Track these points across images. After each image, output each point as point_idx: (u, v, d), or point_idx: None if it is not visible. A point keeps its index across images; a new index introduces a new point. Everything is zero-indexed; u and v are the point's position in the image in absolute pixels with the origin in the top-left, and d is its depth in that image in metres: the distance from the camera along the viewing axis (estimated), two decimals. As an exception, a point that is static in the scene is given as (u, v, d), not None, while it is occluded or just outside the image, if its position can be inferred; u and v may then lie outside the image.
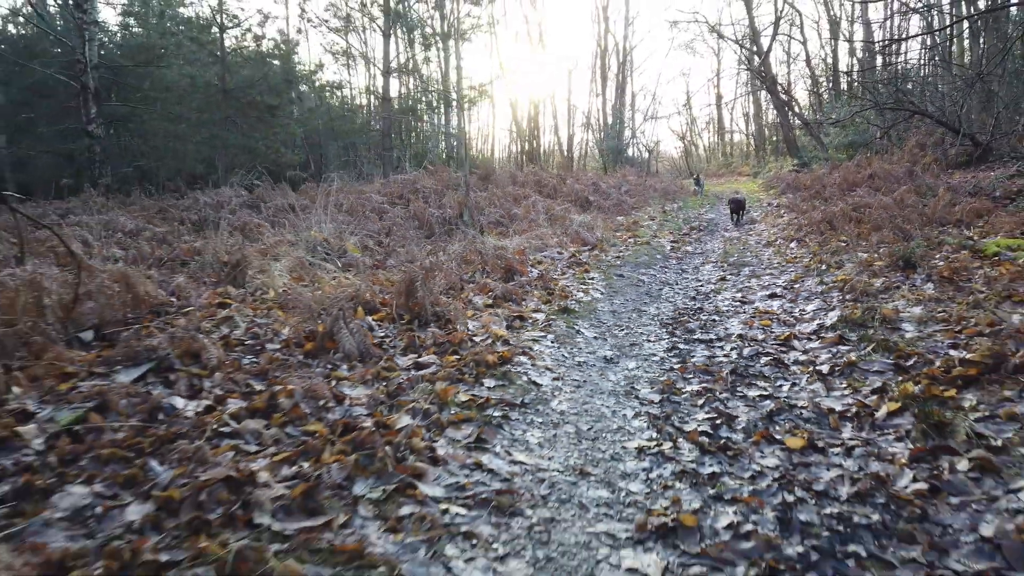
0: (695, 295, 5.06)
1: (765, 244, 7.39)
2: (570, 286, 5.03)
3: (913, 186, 8.41)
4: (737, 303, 4.61)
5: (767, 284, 5.15)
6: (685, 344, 3.68)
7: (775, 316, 4.10)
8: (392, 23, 16.18)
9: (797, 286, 4.87)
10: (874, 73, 14.87)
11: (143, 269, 4.13)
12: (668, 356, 3.47)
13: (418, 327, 3.47)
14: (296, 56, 17.04)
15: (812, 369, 3.06)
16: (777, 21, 21.39)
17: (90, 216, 7.26)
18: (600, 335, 3.91)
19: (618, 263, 6.44)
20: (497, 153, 30.87)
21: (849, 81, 18.61)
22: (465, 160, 10.03)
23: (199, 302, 3.44)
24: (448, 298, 3.93)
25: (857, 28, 22.42)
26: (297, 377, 2.59)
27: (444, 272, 4.45)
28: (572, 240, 7.15)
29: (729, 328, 3.94)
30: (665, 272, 6.21)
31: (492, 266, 5.11)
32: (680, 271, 6.26)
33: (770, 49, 20.82)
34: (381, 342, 3.22)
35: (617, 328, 4.09)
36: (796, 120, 19.86)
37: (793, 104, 21.27)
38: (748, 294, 4.87)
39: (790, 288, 4.86)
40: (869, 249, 5.45)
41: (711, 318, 4.25)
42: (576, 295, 4.76)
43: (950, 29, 13.67)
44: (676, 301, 4.88)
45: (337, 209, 7.49)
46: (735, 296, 4.85)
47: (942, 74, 13.51)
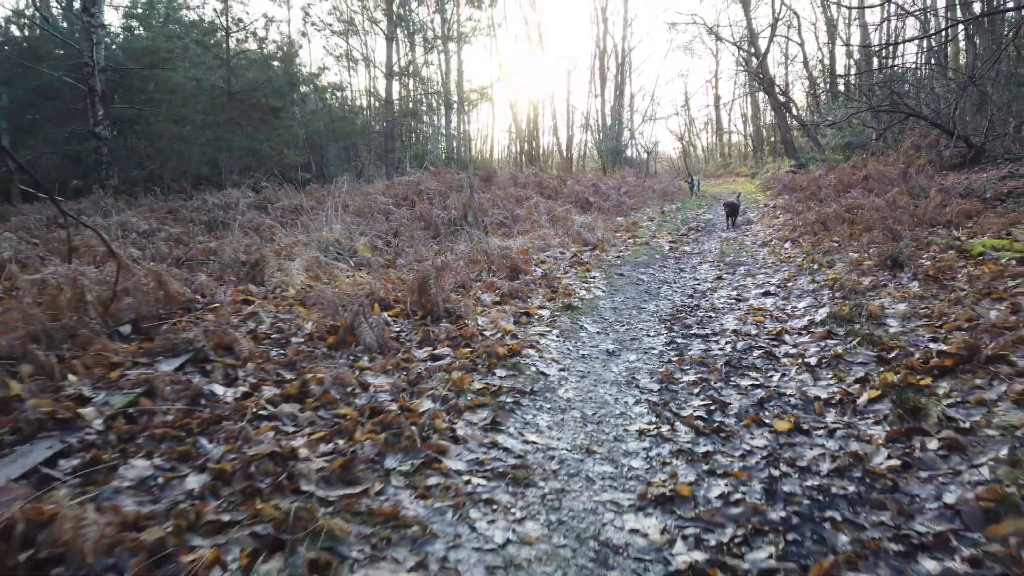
0: (692, 293, 5.27)
1: (760, 244, 7.61)
2: (573, 284, 5.24)
3: (906, 188, 8.59)
4: (732, 300, 4.83)
5: (761, 283, 5.37)
6: (683, 339, 3.90)
7: (768, 313, 4.32)
8: (395, 26, 16.39)
9: (790, 284, 5.09)
10: (871, 75, 15.07)
11: (164, 268, 4.34)
12: (667, 349, 3.69)
13: (431, 322, 3.68)
14: (298, 59, 17.27)
15: (801, 361, 3.28)
16: (775, 23, 21.60)
17: (104, 217, 7.46)
18: (602, 330, 4.13)
19: (618, 262, 6.66)
20: (496, 154, 31.12)
21: (846, 83, 18.85)
22: (469, 162, 10.24)
23: (224, 299, 3.65)
24: (458, 295, 4.14)
25: (855, 31, 22.68)
26: (324, 367, 2.80)
27: (453, 271, 4.66)
28: (574, 240, 7.37)
29: (724, 324, 4.16)
30: (664, 271, 6.43)
31: (498, 265, 5.32)
32: (678, 270, 6.48)
33: (768, 51, 21.02)
34: (398, 336, 3.44)
35: (618, 324, 4.31)
36: (794, 121, 20.07)
37: (791, 105, 21.49)
38: (743, 292, 5.09)
39: (783, 286, 5.08)
40: (860, 249, 5.66)
41: (707, 314, 4.47)
42: (579, 293, 4.98)
43: (945, 33, 13.89)
44: (674, 299, 5.10)
45: (344, 210, 7.70)
46: (730, 294, 5.07)
47: (937, 77, 13.71)
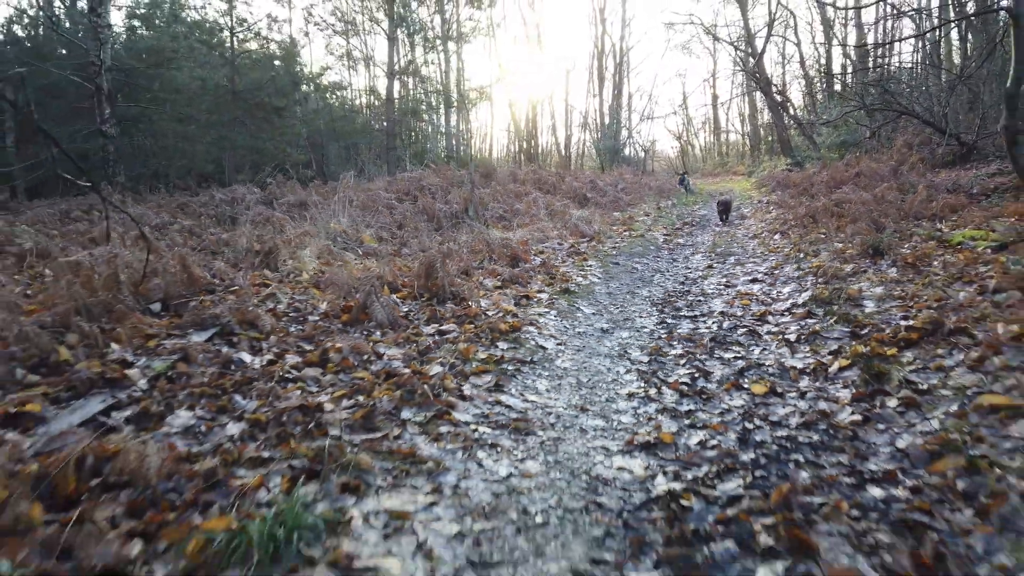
0: (684, 280, 5.53)
1: (751, 236, 7.87)
2: (570, 272, 5.50)
3: (896, 184, 8.84)
4: (721, 287, 5.09)
5: (750, 271, 5.63)
6: (672, 319, 4.16)
7: (754, 297, 4.57)
8: (395, 27, 16.64)
9: (776, 272, 5.35)
10: (865, 74, 15.33)
11: (189, 252, 4.59)
12: (657, 328, 3.94)
13: (437, 303, 3.93)
14: (300, 58, 17.51)
15: (781, 337, 3.53)
16: (771, 23, 21.91)
17: (115, 211, 7.69)
18: (597, 312, 4.38)
19: (614, 253, 6.91)
20: (496, 153, 31.36)
21: (842, 82, 19.10)
22: (470, 159, 10.48)
23: (244, 282, 3.90)
24: (462, 280, 4.39)
25: (851, 30, 22.97)
26: (340, 339, 3.05)
27: (457, 258, 4.91)
28: (571, 233, 7.62)
29: (712, 307, 4.42)
30: (657, 261, 6.68)
31: (499, 254, 5.57)
32: (671, 260, 6.73)
33: (764, 51, 21.30)
34: (407, 315, 3.69)
35: (613, 307, 4.56)
36: (790, 120, 20.34)
37: (787, 105, 21.77)
38: (732, 279, 5.35)
39: (770, 274, 5.34)
40: (844, 240, 5.92)
41: (697, 299, 4.72)
42: (576, 279, 5.24)
43: (938, 32, 14.13)
44: (666, 285, 5.35)
45: (349, 204, 7.95)
46: (720, 281, 5.32)
47: (931, 76, 13.96)
